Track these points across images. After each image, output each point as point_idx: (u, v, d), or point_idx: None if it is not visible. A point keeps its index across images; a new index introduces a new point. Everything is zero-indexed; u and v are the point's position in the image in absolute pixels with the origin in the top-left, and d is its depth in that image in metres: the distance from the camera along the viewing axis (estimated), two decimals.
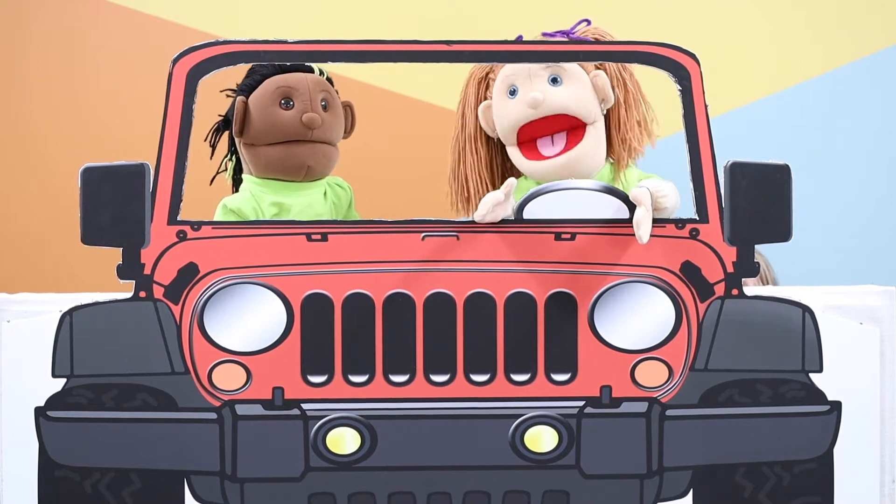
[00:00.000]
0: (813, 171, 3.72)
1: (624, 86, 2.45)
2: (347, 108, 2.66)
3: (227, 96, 2.66)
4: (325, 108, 2.59)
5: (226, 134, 2.69)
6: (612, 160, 2.49)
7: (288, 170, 2.56)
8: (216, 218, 2.54)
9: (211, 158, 2.69)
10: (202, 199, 2.53)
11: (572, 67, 2.44)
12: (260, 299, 2.06)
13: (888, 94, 3.84)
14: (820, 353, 2.10)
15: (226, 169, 2.71)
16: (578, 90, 2.42)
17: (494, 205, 2.07)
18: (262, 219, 2.53)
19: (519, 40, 2.46)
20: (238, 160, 2.67)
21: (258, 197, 2.56)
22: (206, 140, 2.68)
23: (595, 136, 2.43)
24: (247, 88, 2.60)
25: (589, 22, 2.49)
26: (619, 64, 2.46)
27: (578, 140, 2.41)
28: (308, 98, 2.56)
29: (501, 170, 2.54)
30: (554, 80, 2.42)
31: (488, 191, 2.46)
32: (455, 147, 2.55)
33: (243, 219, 2.52)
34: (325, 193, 2.62)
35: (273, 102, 2.56)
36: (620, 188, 2.40)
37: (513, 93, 2.44)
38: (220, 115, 2.67)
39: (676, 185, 2.31)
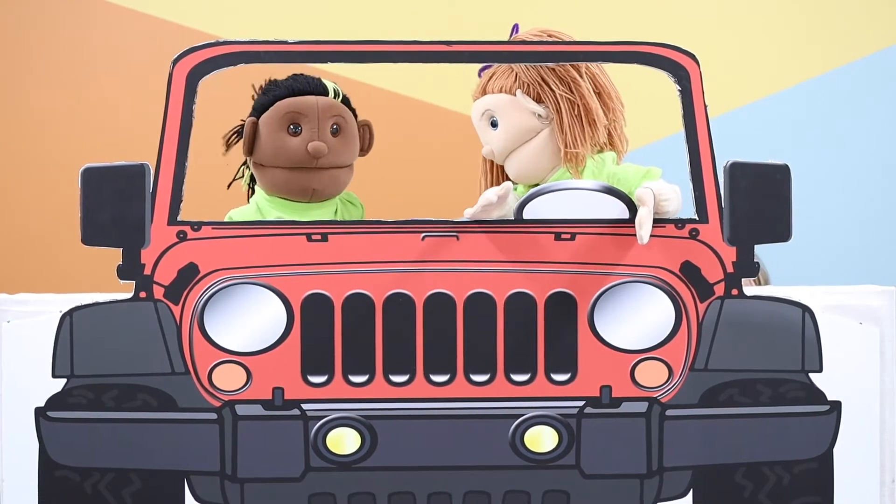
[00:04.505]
0: (813, 171, 3.72)
1: (554, 99, 2.42)
2: (365, 127, 2.64)
3: (254, 89, 2.64)
4: (335, 132, 2.56)
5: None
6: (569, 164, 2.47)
7: (293, 192, 2.56)
8: None
9: (224, 154, 2.67)
10: (213, 201, 2.53)
11: (502, 100, 2.44)
12: (260, 299, 2.07)
13: (888, 94, 3.85)
14: (820, 353, 2.10)
15: (242, 175, 2.70)
16: (512, 124, 2.44)
17: (485, 205, 2.09)
18: (262, 219, 2.53)
19: (511, 40, 2.46)
20: None
21: (265, 212, 2.55)
22: (224, 138, 2.66)
23: (532, 144, 2.43)
24: (259, 108, 2.58)
25: (517, 27, 2.51)
26: (545, 77, 2.42)
27: None
28: (316, 125, 2.54)
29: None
30: (493, 124, 2.47)
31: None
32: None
33: None
34: (335, 211, 2.61)
35: (281, 127, 2.55)
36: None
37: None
38: (242, 120, 2.66)
39: (676, 185, 2.30)
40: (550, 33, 2.46)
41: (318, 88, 2.59)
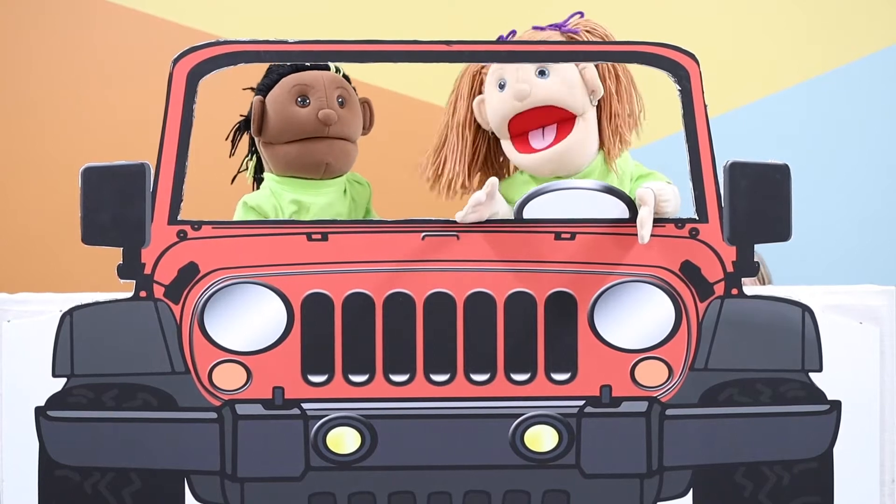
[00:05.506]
0: (813, 170, 3.72)
1: (616, 77, 2.43)
2: (365, 104, 2.66)
3: (250, 90, 2.65)
4: (341, 104, 2.58)
5: (246, 134, 2.69)
6: (603, 151, 2.47)
7: (306, 167, 2.56)
8: (236, 215, 2.54)
9: (231, 156, 2.69)
10: (214, 200, 2.54)
11: (562, 64, 2.40)
12: (260, 299, 2.07)
13: (888, 94, 3.85)
14: (820, 353, 2.10)
15: (246, 168, 2.71)
16: (565, 81, 2.40)
17: (475, 206, 2.08)
18: (287, 218, 2.53)
19: (510, 40, 2.46)
20: (259, 159, 2.68)
21: (278, 194, 2.56)
22: (227, 139, 2.68)
23: (584, 128, 2.42)
24: (264, 88, 2.60)
25: (582, 14, 2.49)
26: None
27: (568, 132, 2.41)
28: (324, 95, 2.56)
29: (486, 161, 2.54)
30: (542, 73, 2.40)
31: (460, 178, 2.46)
32: (443, 130, 2.54)
33: (263, 216, 2.52)
34: (345, 190, 2.62)
35: (289, 100, 2.56)
36: (614, 179, 2.40)
37: (502, 86, 2.43)
38: (241, 115, 2.67)
39: (676, 185, 2.31)
40: (589, 29, 2.47)
41: (320, 64, 2.60)
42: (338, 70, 2.63)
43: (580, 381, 2.08)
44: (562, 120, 2.40)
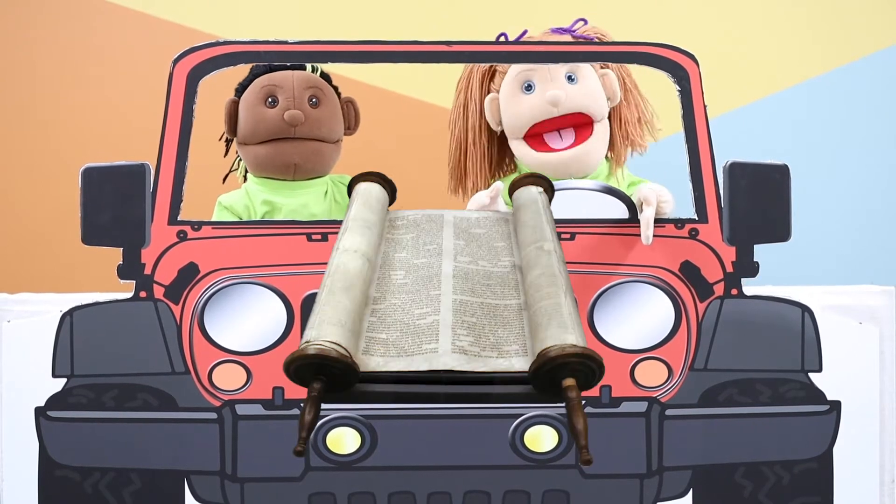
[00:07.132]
0: (812, 171, 3.72)
1: (624, 84, 2.47)
2: (349, 104, 2.66)
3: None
4: (314, 104, 2.58)
5: None
6: (608, 157, 2.50)
7: (276, 168, 2.56)
8: (214, 214, 2.55)
9: (225, 157, 2.70)
10: (214, 201, 2.54)
11: (584, 66, 2.45)
12: (260, 299, 2.07)
13: (888, 94, 3.84)
14: (819, 353, 2.10)
15: (237, 168, 2.72)
16: (592, 88, 2.44)
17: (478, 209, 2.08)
18: (259, 218, 2.53)
19: (512, 41, 2.47)
20: None
21: (253, 194, 2.57)
22: (220, 139, 2.69)
23: (602, 134, 2.45)
24: (241, 89, 2.61)
25: (586, 21, 2.51)
26: (622, 71, 2.48)
27: (586, 136, 2.43)
28: (292, 95, 2.56)
29: (498, 161, 2.56)
30: (570, 79, 2.43)
31: (488, 183, 2.48)
32: (458, 139, 2.56)
33: (235, 216, 2.53)
34: (325, 192, 2.62)
35: (259, 101, 2.57)
36: (615, 184, 2.42)
37: (528, 88, 2.44)
38: None
39: (676, 185, 2.31)
40: (598, 35, 2.49)
41: (295, 65, 2.61)
42: (314, 70, 2.63)
43: None
44: (581, 124, 2.43)
